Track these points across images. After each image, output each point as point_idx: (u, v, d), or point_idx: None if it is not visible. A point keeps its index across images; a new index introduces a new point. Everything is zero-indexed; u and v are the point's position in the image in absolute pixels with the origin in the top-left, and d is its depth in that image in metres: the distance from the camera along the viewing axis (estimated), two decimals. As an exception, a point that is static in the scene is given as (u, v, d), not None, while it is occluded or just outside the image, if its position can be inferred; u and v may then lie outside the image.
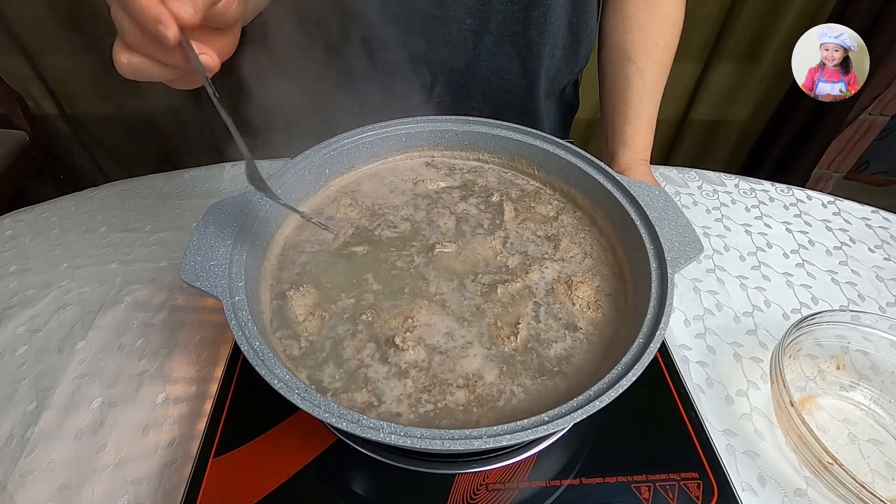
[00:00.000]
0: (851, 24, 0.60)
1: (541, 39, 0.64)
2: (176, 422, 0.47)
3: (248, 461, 0.40)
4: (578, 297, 0.43)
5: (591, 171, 0.49)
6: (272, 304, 0.42)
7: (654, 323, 0.35)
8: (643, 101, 0.63)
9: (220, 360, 0.51)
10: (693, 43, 1.43)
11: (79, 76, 1.38)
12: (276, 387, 0.31)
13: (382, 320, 0.41)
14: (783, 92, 1.51)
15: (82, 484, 0.43)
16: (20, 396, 0.49)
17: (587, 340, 0.40)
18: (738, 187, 0.75)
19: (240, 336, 0.33)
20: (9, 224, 0.69)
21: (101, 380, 0.50)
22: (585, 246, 0.48)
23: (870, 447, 0.45)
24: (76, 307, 0.58)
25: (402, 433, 0.29)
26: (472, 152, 0.56)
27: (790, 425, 0.42)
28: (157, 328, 0.55)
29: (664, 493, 0.39)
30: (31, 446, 0.45)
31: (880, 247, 0.66)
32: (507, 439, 0.29)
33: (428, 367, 0.38)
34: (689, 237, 0.41)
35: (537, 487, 0.39)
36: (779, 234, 0.68)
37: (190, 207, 0.71)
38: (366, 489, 0.40)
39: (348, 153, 0.52)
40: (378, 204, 0.51)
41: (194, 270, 0.37)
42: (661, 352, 0.49)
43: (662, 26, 0.63)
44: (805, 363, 0.50)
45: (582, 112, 0.87)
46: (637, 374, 0.32)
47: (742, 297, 0.59)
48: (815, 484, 0.43)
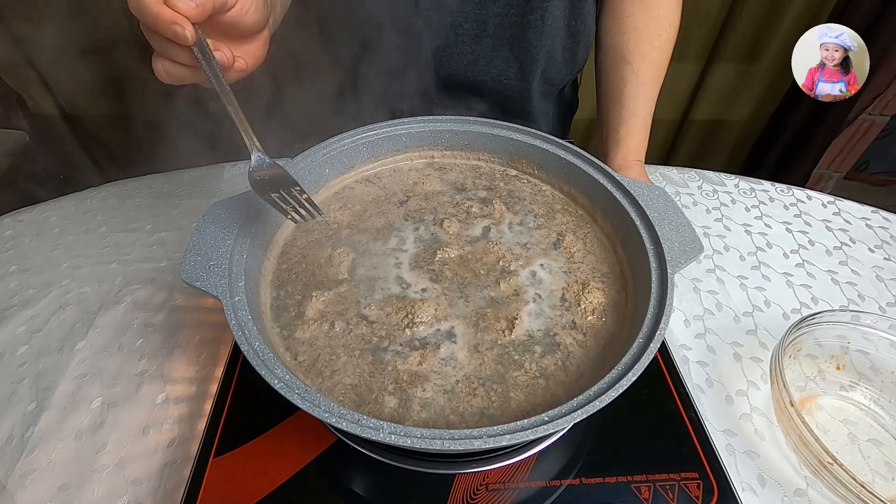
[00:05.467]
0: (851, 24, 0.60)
1: (538, 42, 0.64)
2: (176, 422, 0.47)
3: (248, 461, 0.40)
4: (580, 298, 0.43)
5: (591, 171, 0.49)
6: (272, 304, 0.42)
7: (654, 323, 0.35)
8: (638, 102, 0.63)
9: (220, 360, 0.51)
10: (693, 43, 1.42)
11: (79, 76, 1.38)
12: (276, 387, 0.31)
13: (382, 321, 0.41)
14: (783, 92, 1.51)
15: (82, 484, 0.43)
16: (20, 396, 0.49)
17: (587, 340, 0.40)
18: (738, 187, 0.75)
19: (240, 336, 0.33)
20: (9, 224, 0.69)
21: (101, 380, 0.50)
22: (586, 245, 0.48)
23: (870, 447, 0.45)
24: (76, 307, 0.58)
25: (401, 433, 0.29)
26: (472, 152, 0.56)
27: (790, 425, 0.42)
28: (157, 328, 0.55)
29: (664, 493, 0.39)
30: (31, 446, 0.45)
31: (880, 247, 0.66)
32: (507, 439, 0.29)
33: (428, 366, 0.38)
34: (689, 237, 0.41)
35: (537, 487, 0.39)
36: (779, 234, 0.68)
37: (190, 207, 0.71)
38: (366, 489, 0.40)
39: (348, 153, 0.52)
40: (378, 204, 0.51)
41: (194, 270, 0.37)
42: (661, 352, 0.49)
43: (658, 27, 0.63)
44: (805, 363, 0.50)
45: (581, 112, 0.87)
46: (637, 374, 0.32)
47: (742, 297, 0.59)
48: (815, 484, 0.43)
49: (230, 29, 0.35)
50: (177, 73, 0.35)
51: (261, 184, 0.38)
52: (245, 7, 0.35)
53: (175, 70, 0.34)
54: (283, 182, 0.38)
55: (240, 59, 0.36)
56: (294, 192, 0.39)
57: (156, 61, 0.34)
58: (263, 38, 0.39)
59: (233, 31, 0.36)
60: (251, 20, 0.36)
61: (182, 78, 0.35)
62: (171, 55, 0.34)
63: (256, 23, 0.36)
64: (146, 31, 0.33)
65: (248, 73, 0.39)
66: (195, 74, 0.35)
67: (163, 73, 0.35)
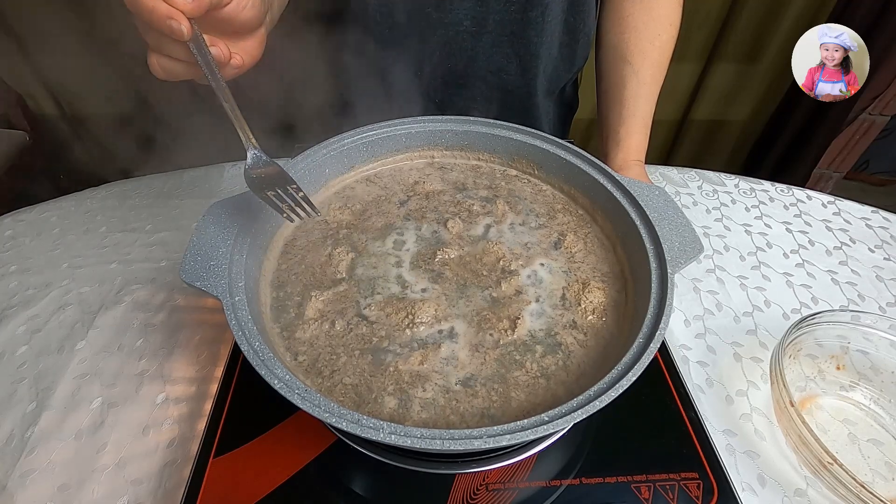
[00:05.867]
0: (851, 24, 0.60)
1: (539, 39, 0.64)
2: (176, 422, 0.47)
3: (248, 461, 0.40)
4: (581, 298, 0.43)
5: (591, 171, 0.49)
6: (272, 304, 0.42)
7: (654, 323, 0.35)
8: (638, 102, 0.63)
9: (220, 360, 0.51)
10: (693, 43, 1.42)
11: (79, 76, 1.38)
12: (276, 387, 0.31)
13: (383, 321, 0.41)
14: (783, 92, 1.51)
15: (82, 484, 0.43)
16: (20, 396, 0.49)
17: (588, 340, 0.40)
18: (738, 187, 0.75)
19: (240, 336, 0.33)
20: (9, 224, 0.69)
21: (101, 380, 0.50)
22: (587, 246, 0.48)
23: (870, 447, 0.45)
24: (76, 307, 0.58)
25: (401, 433, 0.29)
26: (472, 152, 0.56)
27: (790, 425, 0.42)
28: (157, 328, 0.55)
29: (664, 493, 0.39)
30: (31, 446, 0.45)
31: (880, 247, 0.66)
32: (507, 439, 0.29)
33: (429, 366, 0.38)
34: (689, 237, 0.41)
35: (537, 487, 0.39)
36: (779, 234, 0.68)
37: (190, 207, 0.71)
38: (366, 489, 0.40)
39: (348, 153, 0.52)
40: (378, 204, 0.51)
41: (194, 270, 0.37)
42: (661, 352, 0.49)
43: (658, 27, 0.63)
44: (805, 363, 0.50)
45: (582, 112, 0.87)
46: (637, 374, 0.32)
47: (742, 297, 0.59)
48: (815, 484, 0.43)
49: (227, 25, 0.35)
50: (172, 69, 0.34)
51: (257, 181, 0.38)
52: (242, 3, 0.34)
53: (170, 66, 0.34)
54: (280, 180, 0.38)
55: (236, 56, 0.36)
56: (290, 191, 0.39)
57: (151, 57, 0.34)
58: (260, 36, 0.39)
59: (229, 28, 0.36)
60: (248, 16, 0.35)
61: (177, 74, 0.35)
62: (166, 51, 0.33)
63: (253, 19, 0.36)
64: (141, 26, 0.32)
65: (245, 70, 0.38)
66: (190, 70, 0.35)
67: (158, 69, 0.34)
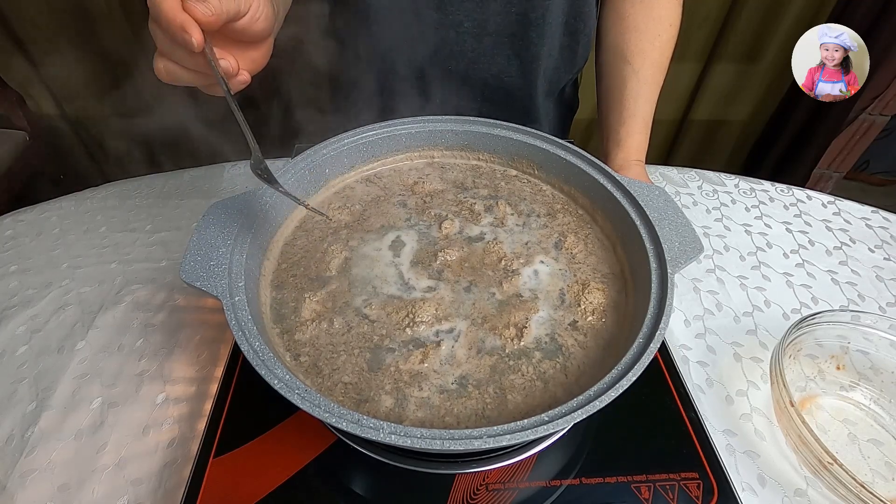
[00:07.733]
0: (851, 24, 0.60)
1: (539, 40, 0.64)
2: (176, 422, 0.47)
3: (248, 461, 0.40)
4: (580, 298, 0.43)
5: (591, 171, 0.49)
6: (272, 304, 0.42)
7: (654, 323, 0.35)
8: (638, 102, 0.63)
9: (220, 360, 0.51)
10: (693, 43, 1.42)
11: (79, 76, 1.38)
12: (276, 387, 0.31)
13: (383, 320, 0.41)
14: (783, 92, 1.51)
15: (82, 484, 0.43)
16: (20, 396, 0.49)
17: (587, 340, 0.40)
18: (738, 187, 0.75)
19: (240, 336, 0.33)
20: (9, 224, 0.69)
21: (101, 380, 0.50)
22: (587, 246, 0.48)
23: (870, 447, 0.45)
24: (76, 307, 0.58)
25: (401, 433, 0.29)
26: (472, 152, 0.56)
27: (790, 425, 0.42)
28: (157, 328, 0.55)
29: (664, 493, 0.39)
30: (31, 446, 0.45)
31: (880, 247, 0.66)
32: (507, 439, 0.29)
33: (429, 366, 0.38)
34: (689, 237, 0.41)
35: (537, 487, 0.39)
36: (779, 234, 0.68)
37: (190, 207, 0.71)
38: (366, 489, 0.40)
39: (348, 153, 0.52)
40: (379, 203, 0.51)
41: (194, 270, 0.37)
42: (661, 352, 0.49)
43: (659, 27, 0.63)
44: (805, 363, 0.50)
45: (582, 112, 0.87)
46: (637, 374, 0.32)
47: (742, 297, 0.59)
48: (815, 484, 0.43)
49: (239, 36, 0.36)
50: (177, 75, 0.35)
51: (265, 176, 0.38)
52: (255, 15, 0.35)
53: (176, 71, 0.35)
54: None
55: (243, 73, 0.37)
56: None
57: (158, 60, 0.35)
58: (268, 45, 0.40)
59: (241, 38, 0.37)
60: (260, 27, 0.36)
61: (181, 79, 0.35)
62: (175, 58, 0.34)
63: (264, 31, 0.37)
64: (154, 30, 0.33)
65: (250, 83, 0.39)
66: (195, 77, 0.35)
67: (163, 73, 0.35)
